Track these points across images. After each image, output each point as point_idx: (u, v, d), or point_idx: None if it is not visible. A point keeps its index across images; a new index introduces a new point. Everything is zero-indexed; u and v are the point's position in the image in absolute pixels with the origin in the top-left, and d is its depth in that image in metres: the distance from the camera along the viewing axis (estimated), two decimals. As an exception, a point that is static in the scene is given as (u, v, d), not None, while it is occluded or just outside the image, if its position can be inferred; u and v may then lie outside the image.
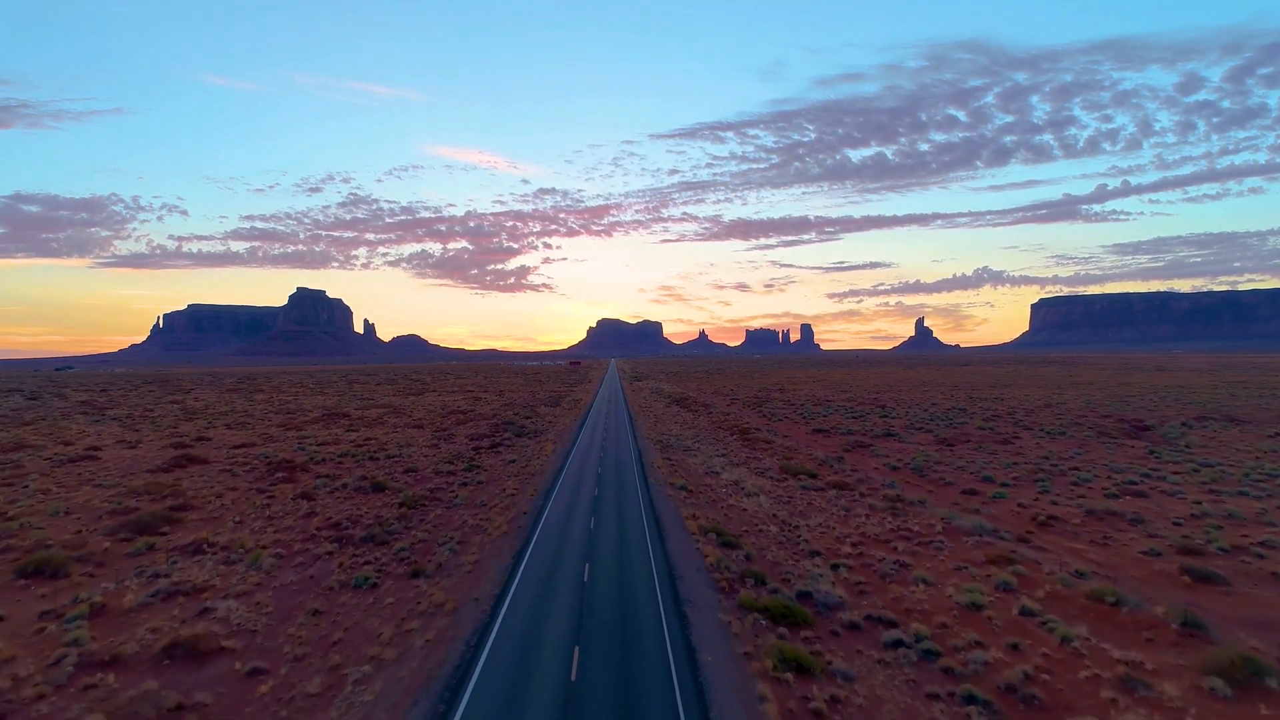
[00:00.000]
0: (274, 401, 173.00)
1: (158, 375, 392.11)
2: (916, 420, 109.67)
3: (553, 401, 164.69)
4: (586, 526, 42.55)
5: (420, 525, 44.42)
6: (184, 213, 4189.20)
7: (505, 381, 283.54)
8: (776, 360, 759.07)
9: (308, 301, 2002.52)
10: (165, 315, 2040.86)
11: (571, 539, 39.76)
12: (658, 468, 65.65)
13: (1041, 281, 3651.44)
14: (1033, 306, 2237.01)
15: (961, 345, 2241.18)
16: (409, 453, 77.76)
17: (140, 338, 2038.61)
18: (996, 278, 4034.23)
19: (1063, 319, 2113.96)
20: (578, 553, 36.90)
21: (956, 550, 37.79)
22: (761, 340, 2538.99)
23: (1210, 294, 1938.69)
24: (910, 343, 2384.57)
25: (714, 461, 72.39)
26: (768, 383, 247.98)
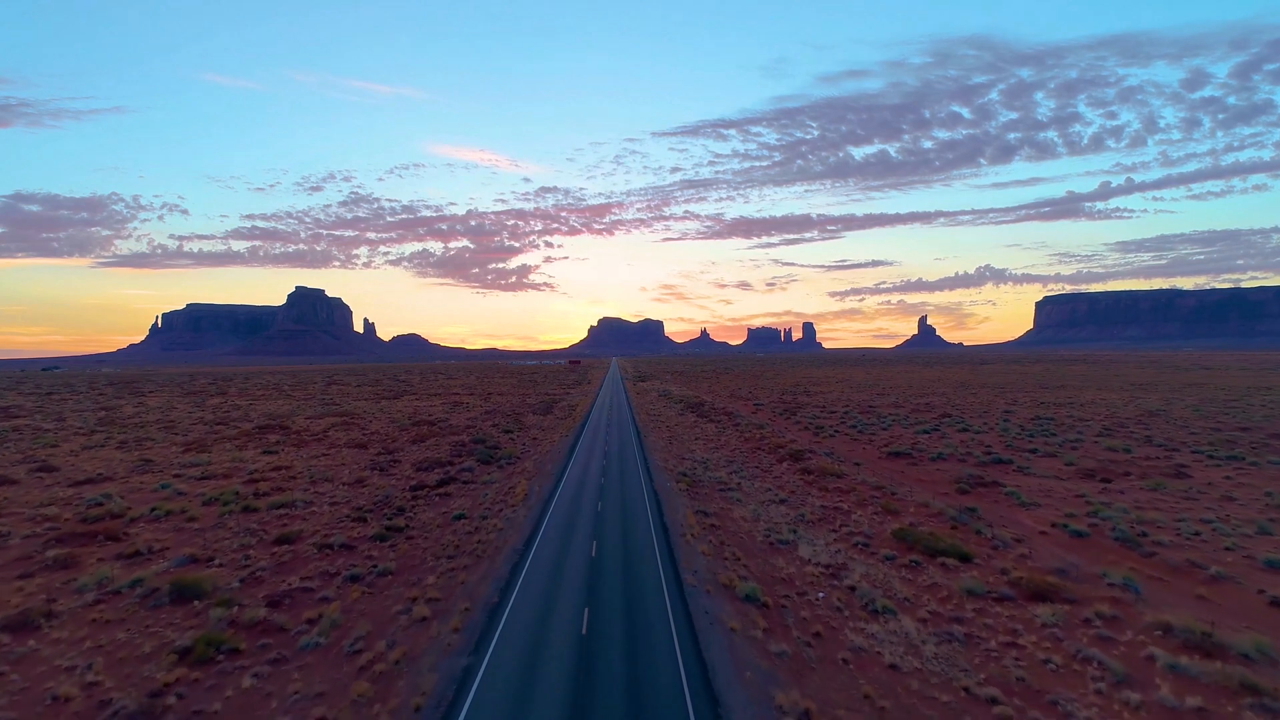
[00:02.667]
0: (221, 408, 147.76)
1: (125, 376, 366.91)
2: (1012, 436, 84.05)
3: (544, 408, 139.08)
4: None
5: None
6: (185, 212, 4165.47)
7: (497, 383, 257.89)
8: (782, 359, 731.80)
9: (306, 301, 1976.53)
10: (164, 315, 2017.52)
11: None
12: (691, 538, 40.07)
13: (1044, 279, 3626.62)
14: (1037, 304, 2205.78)
15: (965, 344, 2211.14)
16: (313, 497, 52.35)
17: (140, 337, 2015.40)
18: (999, 276, 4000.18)
19: (1067, 317, 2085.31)
20: None
21: None
22: (763, 339, 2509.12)
23: (1216, 291, 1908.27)
24: (913, 341, 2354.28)
25: (773, 514, 46.84)
26: (785, 384, 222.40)
